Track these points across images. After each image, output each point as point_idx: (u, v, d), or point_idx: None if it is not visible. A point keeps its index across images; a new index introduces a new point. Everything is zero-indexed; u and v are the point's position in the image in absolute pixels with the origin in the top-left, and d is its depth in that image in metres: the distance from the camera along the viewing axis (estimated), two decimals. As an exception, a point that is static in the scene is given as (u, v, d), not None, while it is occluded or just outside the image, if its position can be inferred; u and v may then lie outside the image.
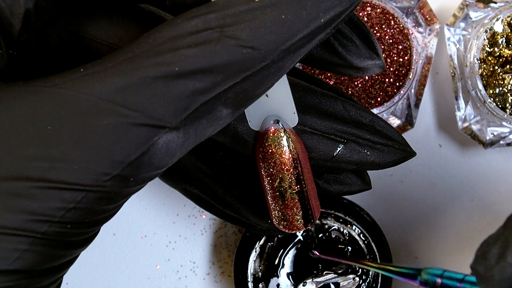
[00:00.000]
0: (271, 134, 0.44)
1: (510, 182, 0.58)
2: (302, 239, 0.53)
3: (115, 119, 0.36)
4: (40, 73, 0.43)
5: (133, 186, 0.38)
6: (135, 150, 0.36)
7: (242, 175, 0.49)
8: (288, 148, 0.44)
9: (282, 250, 0.53)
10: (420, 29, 0.55)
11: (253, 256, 0.53)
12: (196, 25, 0.37)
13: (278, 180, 0.45)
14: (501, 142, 0.55)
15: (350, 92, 0.55)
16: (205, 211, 0.59)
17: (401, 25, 0.54)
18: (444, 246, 0.58)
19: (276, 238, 0.53)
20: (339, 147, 0.46)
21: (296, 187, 0.45)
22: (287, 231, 0.46)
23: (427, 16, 0.55)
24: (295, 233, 0.53)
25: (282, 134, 0.44)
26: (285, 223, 0.46)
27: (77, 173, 0.36)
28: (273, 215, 0.46)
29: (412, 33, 0.54)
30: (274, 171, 0.45)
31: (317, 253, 0.52)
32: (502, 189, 0.58)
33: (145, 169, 0.37)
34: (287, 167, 0.44)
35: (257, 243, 0.53)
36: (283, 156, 0.44)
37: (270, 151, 0.44)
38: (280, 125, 0.44)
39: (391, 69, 0.55)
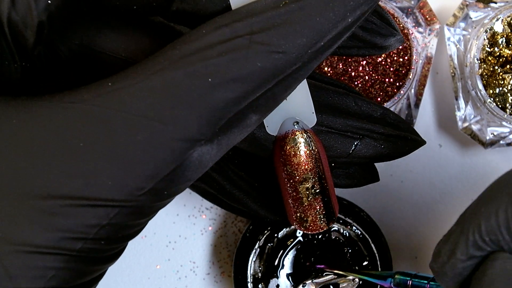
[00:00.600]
0: (292, 136, 0.44)
1: (510, 182, 0.58)
2: (302, 240, 0.53)
3: (149, 133, 0.36)
4: (52, 84, 0.42)
5: (165, 199, 0.38)
6: (169, 164, 0.36)
7: (249, 169, 0.49)
8: (311, 148, 0.44)
9: (281, 251, 0.53)
10: (420, 29, 0.55)
11: (252, 256, 0.53)
12: (224, 34, 0.36)
13: (301, 181, 0.45)
14: (501, 142, 0.55)
15: (350, 92, 0.55)
16: (205, 211, 0.59)
17: (401, 25, 0.54)
18: (444, 246, 0.58)
19: (276, 239, 0.53)
20: (355, 144, 0.46)
21: (318, 187, 0.45)
22: (309, 232, 0.46)
23: (427, 16, 0.55)
24: (295, 233, 0.53)
25: (304, 135, 0.44)
26: (308, 224, 0.46)
27: (111, 188, 0.36)
28: (295, 218, 0.46)
29: (412, 33, 0.54)
30: (297, 172, 0.45)
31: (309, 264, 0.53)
32: (502, 189, 0.58)
33: (179, 182, 0.37)
34: (310, 167, 0.45)
35: (257, 243, 0.53)
36: (306, 157, 0.44)
37: (292, 153, 0.44)
38: (300, 126, 0.44)
39: (391, 69, 0.55)
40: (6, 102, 0.37)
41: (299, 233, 0.53)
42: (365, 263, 0.53)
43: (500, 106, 0.53)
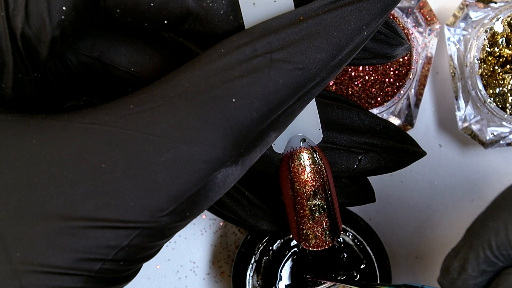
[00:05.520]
0: (299, 154, 0.44)
1: (510, 182, 0.58)
2: (297, 250, 0.53)
3: (173, 155, 0.35)
4: (64, 96, 0.42)
5: (186, 219, 0.37)
6: (193, 185, 0.36)
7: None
8: (318, 165, 0.44)
9: (278, 263, 0.53)
10: (420, 29, 0.55)
11: (249, 272, 0.53)
12: (244, 53, 0.36)
13: (309, 198, 0.45)
14: (501, 142, 0.55)
15: (350, 92, 0.55)
16: (205, 211, 0.59)
17: (401, 25, 0.54)
18: (444, 246, 0.58)
19: (271, 251, 0.53)
20: (359, 159, 0.47)
21: (325, 203, 0.45)
22: (314, 248, 0.46)
23: (427, 16, 0.54)
24: (290, 244, 0.53)
25: (312, 152, 0.44)
26: (314, 241, 0.46)
27: (132, 210, 0.35)
28: (300, 235, 0.46)
29: (412, 33, 0.54)
30: (305, 189, 0.45)
31: (310, 277, 0.52)
32: (502, 189, 0.58)
33: (201, 203, 0.37)
34: (317, 184, 0.45)
35: (253, 258, 0.53)
36: (313, 174, 0.45)
37: (300, 170, 0.44)
38: (307, 143, 0.44)
39: (391, 69, 0.55)
40: (25, 121, 0.37)
41: (294, 243, 0.53)
42: (363, 266, 0.53)
43: (500, 106, 0.52)
